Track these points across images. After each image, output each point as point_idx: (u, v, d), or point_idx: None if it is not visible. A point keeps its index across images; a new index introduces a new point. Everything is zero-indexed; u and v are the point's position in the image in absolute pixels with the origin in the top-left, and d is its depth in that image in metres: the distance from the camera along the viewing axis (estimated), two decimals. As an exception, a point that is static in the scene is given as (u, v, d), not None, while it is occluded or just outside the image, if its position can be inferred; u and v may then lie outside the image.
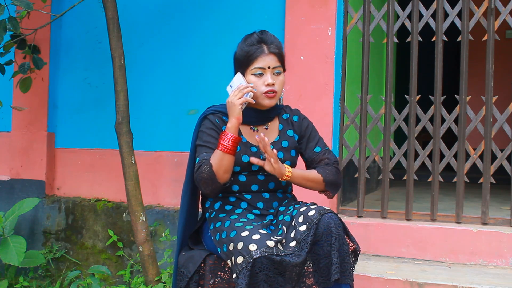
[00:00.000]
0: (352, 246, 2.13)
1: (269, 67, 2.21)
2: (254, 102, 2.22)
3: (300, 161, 2.37)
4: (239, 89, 2.18)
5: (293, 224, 2.12)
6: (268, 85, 2.20)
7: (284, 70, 2.28)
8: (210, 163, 2.13)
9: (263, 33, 2.25)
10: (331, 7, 3.21)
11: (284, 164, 2.21)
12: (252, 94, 2.20)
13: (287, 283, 2.02)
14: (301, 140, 2.35)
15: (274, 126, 2.35)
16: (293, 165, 2.31)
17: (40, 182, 3.83)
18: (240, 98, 2.17)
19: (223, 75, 3.44)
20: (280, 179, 2.19)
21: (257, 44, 2.21)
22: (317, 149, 2.33)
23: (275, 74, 2.23)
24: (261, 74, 2.21)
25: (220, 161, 2.13)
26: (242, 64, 2.23)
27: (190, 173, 2.35)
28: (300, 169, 2.25)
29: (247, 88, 2.18)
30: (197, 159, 2.21)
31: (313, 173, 2.25)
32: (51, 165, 3.87)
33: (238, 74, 2.24)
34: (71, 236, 3.74)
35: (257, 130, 2.32)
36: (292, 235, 2.09)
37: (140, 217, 3.03)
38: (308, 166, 2.35)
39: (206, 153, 2.20)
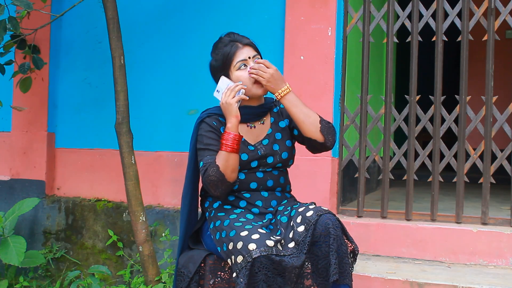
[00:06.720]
0: (351, 246, 2.14)
1: (249, 57, 2.26)
2: (247, 98, 2.25)
3: (301, 148, 2.37)
4: (229, 89, 2.21)
5: (291, 224, 2.13)
6: (252, 68, 2.24)
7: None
8: (217, 165, 2.14)
9: (231, 33, 2.32)
10: (331, 7, 3.21)
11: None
12: (244, 90, 2.24)
13: (286, 284, 2.02)
14: (292, 122, 2.37)
15: (268, 120, 2.39)
16: (290, 155, 2.35)
17: (40, 182, 3.83)
18: (234, 97, 2.19)
19: (223, 75, 3.45)
20: (275, 97, 2.24)
21: (230, 43, 2.27)
22: None
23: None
24: (245, 66, 2.26)
25: (226, 162, 2.14)
26: (223, 67, 2.28)
27: (190, 175, 2.38)
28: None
29: (237, 86, 2.22)
30: (201, 163, 2.22)
31: (311, 110, 2.27)
32: (51, 165, 3.87)
33: (223, 78, 2.27)
34: (71, 236, 3.74)
35: (254, 127, 2.34)
36: (291, 235, 2.09)
37: (140, 217, 3.03)
38: (304, 140, 2.33)
39: (209, 156, 2.21)
